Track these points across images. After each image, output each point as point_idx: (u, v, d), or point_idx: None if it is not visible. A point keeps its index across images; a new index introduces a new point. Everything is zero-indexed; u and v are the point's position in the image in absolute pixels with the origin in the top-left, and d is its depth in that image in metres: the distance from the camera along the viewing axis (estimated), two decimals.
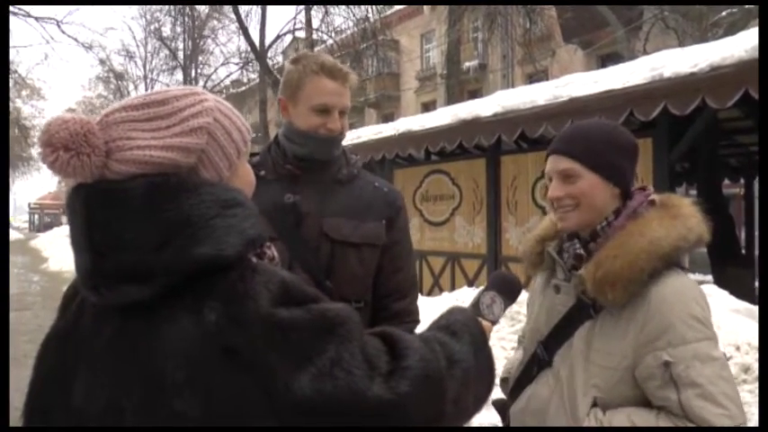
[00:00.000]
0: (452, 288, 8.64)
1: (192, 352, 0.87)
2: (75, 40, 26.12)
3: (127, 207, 0.92)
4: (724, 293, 5.36)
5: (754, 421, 2.66)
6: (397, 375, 0.93)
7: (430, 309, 6.65)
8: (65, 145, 0.92)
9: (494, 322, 1.44)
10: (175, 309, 0.90)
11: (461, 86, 20.15)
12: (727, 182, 10.88)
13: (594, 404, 1.44)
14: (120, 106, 0.99)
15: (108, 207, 0.93)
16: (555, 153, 1.55)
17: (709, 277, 8.53)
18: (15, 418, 1.05)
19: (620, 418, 1.39)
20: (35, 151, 42.62)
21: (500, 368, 1.56)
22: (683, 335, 1.35)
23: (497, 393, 1.76)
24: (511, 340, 5.63)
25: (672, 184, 6.81)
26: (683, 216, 1.46)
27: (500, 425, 1.80)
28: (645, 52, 12.24)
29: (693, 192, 11.18)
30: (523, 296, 1.72)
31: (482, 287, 1.52)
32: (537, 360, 1.60)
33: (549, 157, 1.57)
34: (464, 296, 6.88)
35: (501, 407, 1.77)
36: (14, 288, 14.99)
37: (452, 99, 16.75)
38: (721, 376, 1.34)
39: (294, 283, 0.96)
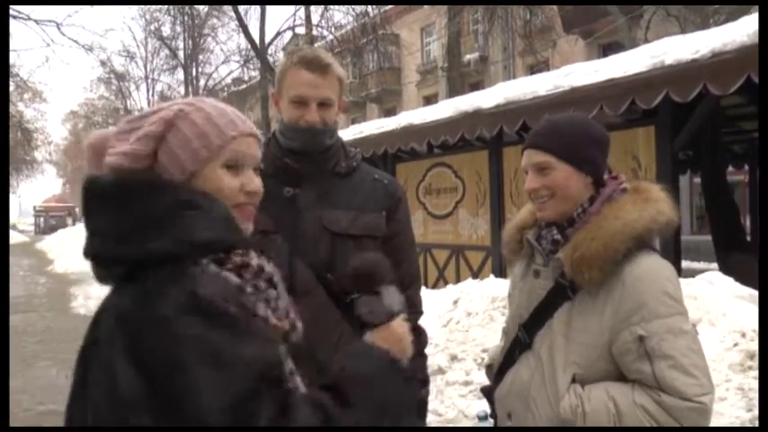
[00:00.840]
0: (457, 280, 8.64)
1: (108, 333, 0.98)
2: (76, 41, 26.13)
3: (104, 200, 1.06)
4: (729, 280, 5.35)
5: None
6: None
7: (436, 301, 6.67)
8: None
9: (394, 314, 1.23)
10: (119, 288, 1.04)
11: (462, 79, 20.12)
12: (731, 169, 10.83)
13: (574, 380, 1.52)
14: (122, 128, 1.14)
15: (87, 199, 1.08)
16: (529, 147, 1.64)
17: (714, 265, 8.51)
18: (25, 418, 1.07)
19: (597, 391, 1.49)
20: (38, 154, 42.82)
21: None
22: (656, 310, 1.45)
23: (470, 377, 1.85)
24: None
25: (675, 172, 6.79)
26: (653, 200, 1.55)
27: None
28: (646, 41, 12.19)
29: (697, 179, 11.16)
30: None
31: (352, 296, 1.27)
32: (518, 343, 1.68)
33: (524, 151, 1.66)
34: (469, 288, 6.89)
35: (488, 393, 1.84)
36: (21, 290, 15.04)
37: (454, 92, 16.73)
38: (692, 348, 1.45)
39: (210, 298, 0.97)
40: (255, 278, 1.08)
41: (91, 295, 12.60)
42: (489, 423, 1.92)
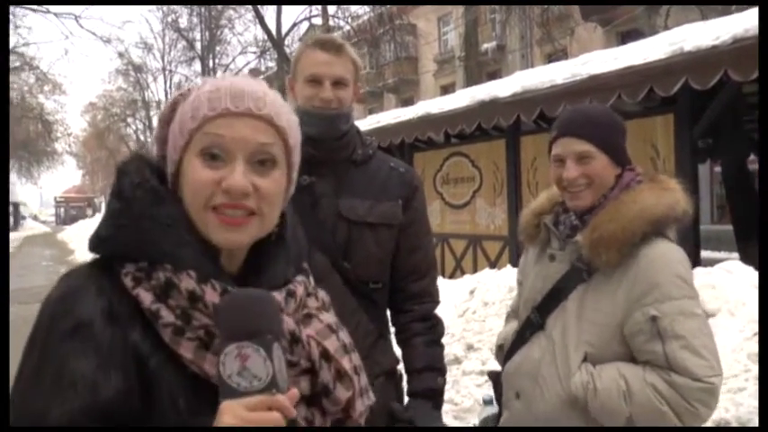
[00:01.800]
0: (474, 270, 8.63)
1: None
2: (94, 34, 26.53)
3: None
4: (749, 269, 5.29)
5: None
6: None
7: (452, 291, 6.67)
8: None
9: (271, 387, 0.79)
10: None
11: (480, 68, 19.97)
12: (752, 157, 10.69)
13: (585, 359, 1.55)
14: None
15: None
16: (567, 136, 1.65)
17: (735, 255, 8.42)
18: None
19: (609, 369, 1.52)
20: (58, 146, 43.25)
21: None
22: (669, 292, 1.49)
23: (487, 366, 1.90)
24: None
25: (694, 161, 6.72)
26: (671, 189, 1.60)
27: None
28: (666, 28, 12.04)
29: (718, 168, 11.02)
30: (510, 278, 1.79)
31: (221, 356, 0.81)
32: (530, 324, 1.72)
33: (558, 139, 1.67)
34: (486, 278, 6.88)
35: (495, 378, 1.88)
36: (43, 280, 15.24)
37: (471, 81, 16.62)
38: (702, 331, 1.49)
39: (47, 314, 0.89)
40: (189, 305, 0.86)
41: None
42: (494, 408, 1.94)
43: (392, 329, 1.99)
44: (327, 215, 1.81)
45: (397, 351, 1.97)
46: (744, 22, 5.37)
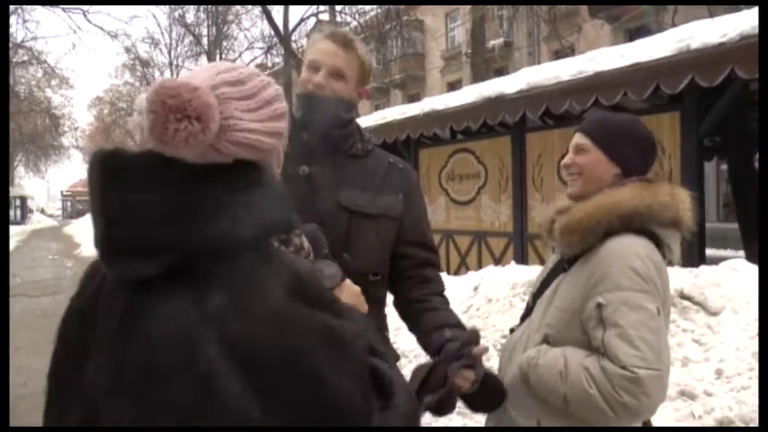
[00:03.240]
0: (479, 267, 8.63)
1: (185, 335, 0.80)
2: (101, 28, 26.58)
3: (143, 178, 0.86)
4: (753, 267, 5.27)
5: None
6: (387, 412, 0.91)
7: (457, 287, 6.68)
8: (198, 115, 0.84)
9: (343, 276, 1.32)
10: (176, 288, 0.83)
11: (487, 65, 19.94)
12: (758, 156, 10.63)
13: (545, 341, 1.66)
14: (220, 81, 0.91)
15: (118, 179, 0.87)
16: (577, 131, 1.80)
17: (741, 253, 8.40)
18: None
19: (555, 350, 1.62)
20: (66, 140, 43.36)
21: None
22: (617, 282, 1.54)
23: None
24: None
25: (700, 159, 6.69)
26: (658, 192, 1.63)
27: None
28: (674, 25, 11.98)
29: (724, 166, 10.98)
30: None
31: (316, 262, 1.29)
32: (528, 310, 1.85)
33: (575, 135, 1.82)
34: (490, 275, 6.87)
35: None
36: (50, 273, 15.36)
37: (478, 78, 16.58)
38: (645, 324, 1.51)
39: (309, 279, 0.91)
40: (307, 259, 1.06)
41: None
42: None
43: (393, 327, 1.99)
44: (327, 205, 1.80)
45: (397, 346, 1.97)
46: (751, 19, 5.34)
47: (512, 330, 1.98)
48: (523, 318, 1.88)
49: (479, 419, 2.11)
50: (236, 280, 0.83)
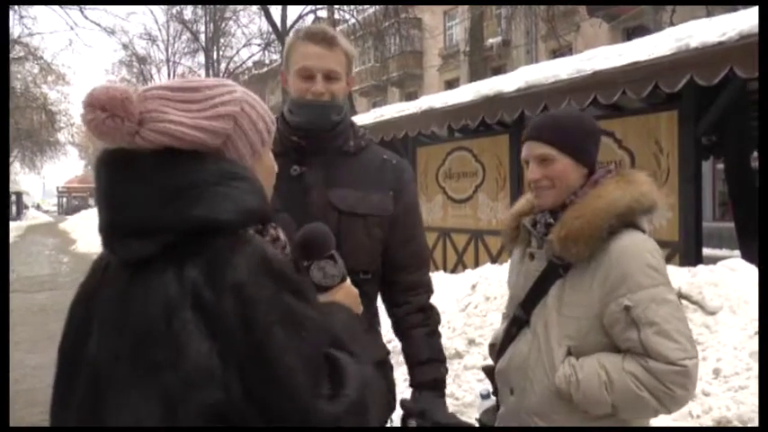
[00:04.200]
0: (476, 265, 8.62)
1: (169, 303, 0.93)
2: (98, 24, 26.40)
3: (139, 169, 1.01)
4: (751, 267, 5.27)
5: None
6: (335, 399, 0.98)
7: (455, 285, 6.67)
8: (102, 106, 1.00)
9: (344, 276, 1.32)
10: (166, 263, 0.97)
11: (485, 63, 19.96)
12: (755, 155, 10.64)
13: (569, 353, 1.64)
14: (158, 85, 1.08)
15: (124, 169, 1.03)
16: (530, 140, 1.74)
17: (737, 252, 8.40)
18: (48, 393, 1.11)
19: (590, 361, 1.60)
20: (62, 136, 43.25)
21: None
22: (639, 282, 1.56)
23: (488, 361, 1.95)
24: None
25: (698, 158, 6.69)
26: (636, 182, 1.67)
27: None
28: (672, 24, 11.99)
29: (721, 165, 10.99)
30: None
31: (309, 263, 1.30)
32: (517, 321, 1.80)
33: (525, 143, 1.76)
34: (487, 273, 6.87)
35: (489, 372, 1.97)
36: (46, 269, 15.35)
37: (476, 76, 16.59)
38: (675, 316, 1.56)
39: (279, 263, 1.01)
40: (282, 251, 1.11)
41: None
42: (492, 401, 2.00)
43: (386, 322, 2.00)
44: (318, 205, 1.80)
45: (390, 343, 1.98)
46: (750, 18, 5.34)
47: (492, 345, 1.98)
48: (510, 329, 1.83)
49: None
50: (210, 257, 0.96)
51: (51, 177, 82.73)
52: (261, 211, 1.07)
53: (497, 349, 1.90)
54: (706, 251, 8.34)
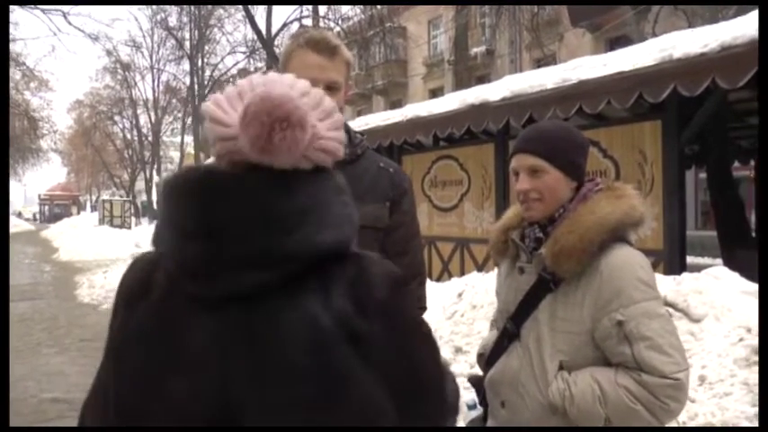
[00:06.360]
0: (462, 273, 8.64)
1: (318, 337, 0.86)
2: (82, 31, 26.29)
3: (260, 193, 0.90)
4: (735, 275, 5.33)
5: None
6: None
7: (441, 294, 6.66)
8: (302, 124, 0.89)
9: None
10: (298, 296, 0.88)
11: (469, 72, 20.01)
12: (736, 164, 10.77)
13: (561, 367, 1.64)
14: (297, 91, 0.95)
15: (238, 192, 0.90)
16: (520, 152, 1.73)
17: (719, 261, 8.49)
18: (31, 405, 1.00)
19: (583, 375, 1.61)
20: (44, 143, 42.81)
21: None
22: (631, 296, 1.57)
23: (475, 369, 1.93)
24: None
25: (681, 167, 6.77)
26: (626, 196, 1.68)
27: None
28: (654, 34, 12.13)
29: (703, 175, 11.12)
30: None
31: None
32: (507, 334, 1.79)
33: (514, 155, 1.75)
34: (474, 281, 6.89)
35: (476, 382, 1.94)
36: (27, 278, 15.11)
37: (460, 85, 16.66)
38: (666, 329, 1.57)
39: (399, 275, 1.00)
40: None
41: (95, 284, 12.66)
42: (478, 411, 1.97)
43: None
44: None
45: None
46: (732, 30, 5.42)
47: (480, 355, 1.95)
48: (501, 341, 1.81)
49: None
50: (351, 280, 0.91)
51: (33, 185, 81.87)
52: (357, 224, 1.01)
53: (486, 359, 1.87)
54: (689, 259, 8.42)
